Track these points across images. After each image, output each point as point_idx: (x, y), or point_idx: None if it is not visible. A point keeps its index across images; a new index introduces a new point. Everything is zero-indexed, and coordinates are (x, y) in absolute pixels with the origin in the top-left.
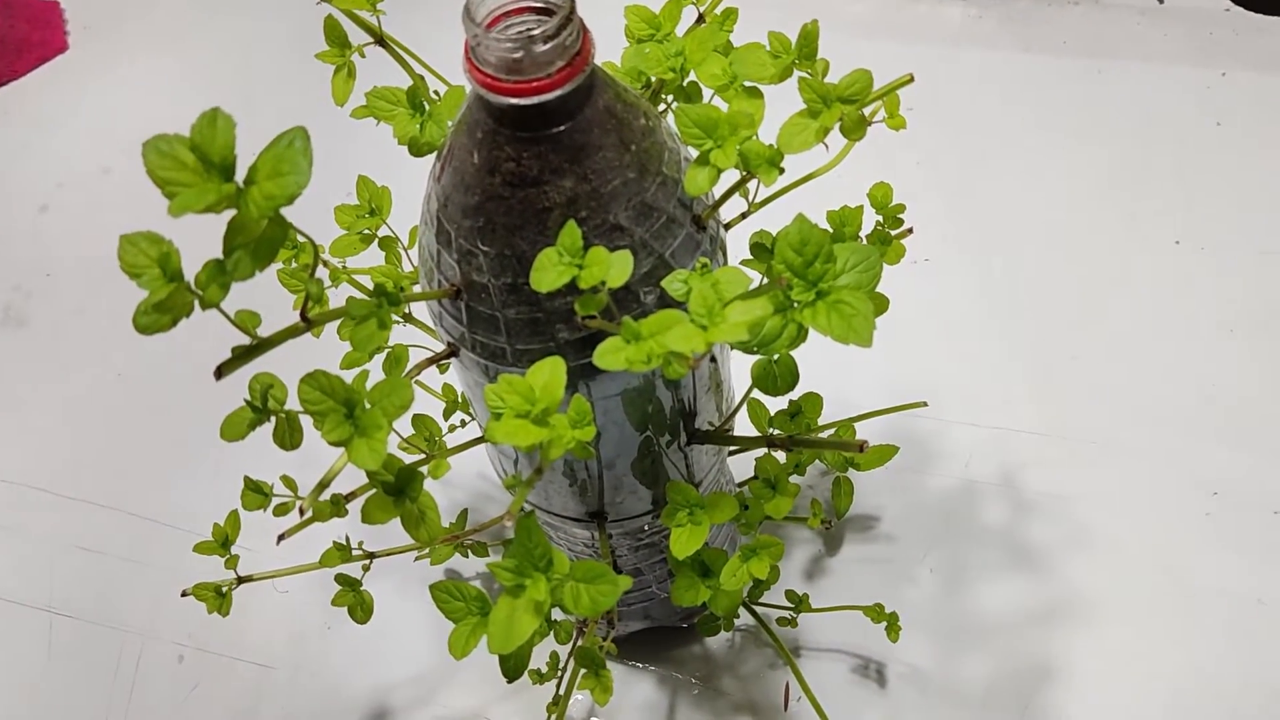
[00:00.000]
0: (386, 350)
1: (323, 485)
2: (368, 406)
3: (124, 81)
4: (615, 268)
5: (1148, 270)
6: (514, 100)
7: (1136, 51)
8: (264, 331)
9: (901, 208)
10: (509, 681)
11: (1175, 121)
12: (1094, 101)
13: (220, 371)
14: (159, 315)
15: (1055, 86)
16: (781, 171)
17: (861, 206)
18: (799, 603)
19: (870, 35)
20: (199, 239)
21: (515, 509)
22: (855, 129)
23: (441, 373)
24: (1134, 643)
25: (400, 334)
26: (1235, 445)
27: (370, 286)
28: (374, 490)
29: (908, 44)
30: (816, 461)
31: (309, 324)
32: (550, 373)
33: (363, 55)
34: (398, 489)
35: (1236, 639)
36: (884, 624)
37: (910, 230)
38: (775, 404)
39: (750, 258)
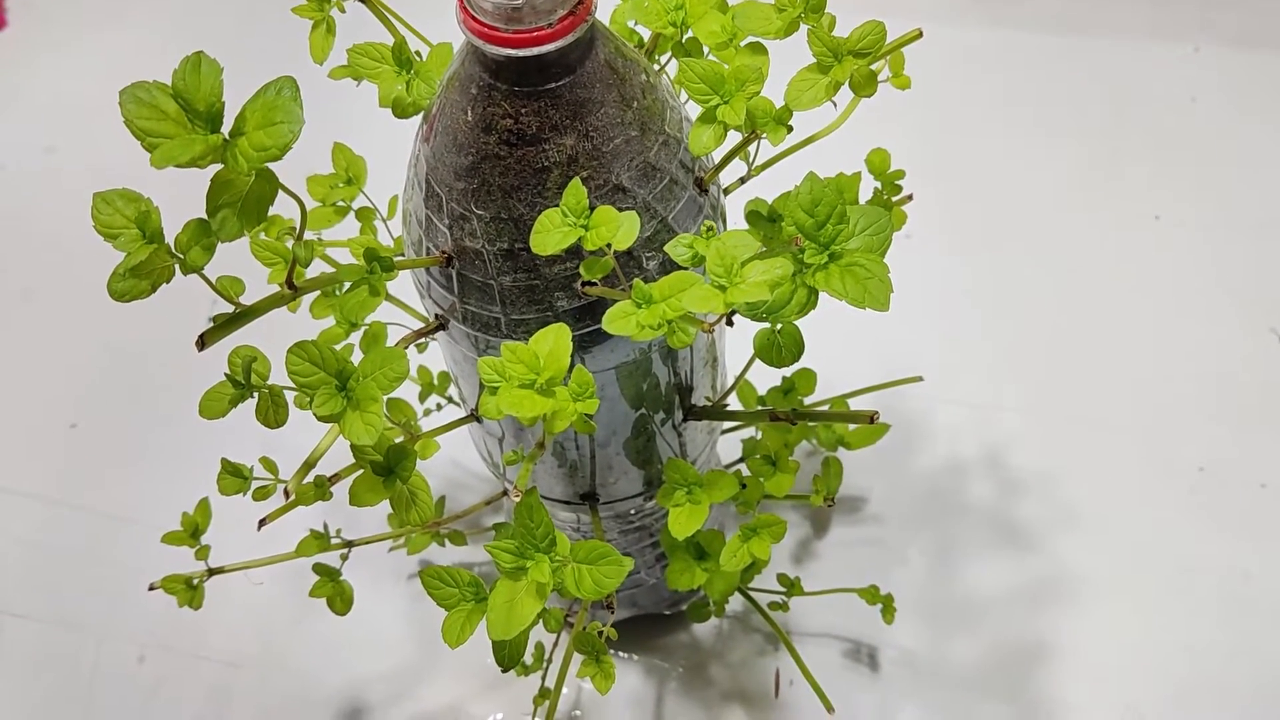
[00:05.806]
0: (364, 328)
1: (308, 466)
2: (361, 379)
3: (67, 58)
4: (623, 228)
5: (1128, 246)
6: (512, 51)
7: (1108, 27)
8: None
9: (901, 173)
10: (503, 670)
11: (1150, 97)
12: (1067, 78)
13: (203, 341)
14: (137, 280)
15: (1028, 63)
16: (790, 130)
17: (859, 173)
18: (791, 586)
19: (841, 10)
20: (166, 203)
21: (522, 483)
22: (865, 85)
23: (420, 352)
24: (1123, 619)
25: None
26: (1220, 420)
27: (344, 264)
28: (361, 471)
29: (879, 20)
30: (803, 442)
31: (295, 290)
32: (555, 340)
33: (342, 10)
34: (387, 469)
35: (1225, 613)
36: (878, 606)
37: (910, 196)
38: (766, 381)
39: (744, 227)
